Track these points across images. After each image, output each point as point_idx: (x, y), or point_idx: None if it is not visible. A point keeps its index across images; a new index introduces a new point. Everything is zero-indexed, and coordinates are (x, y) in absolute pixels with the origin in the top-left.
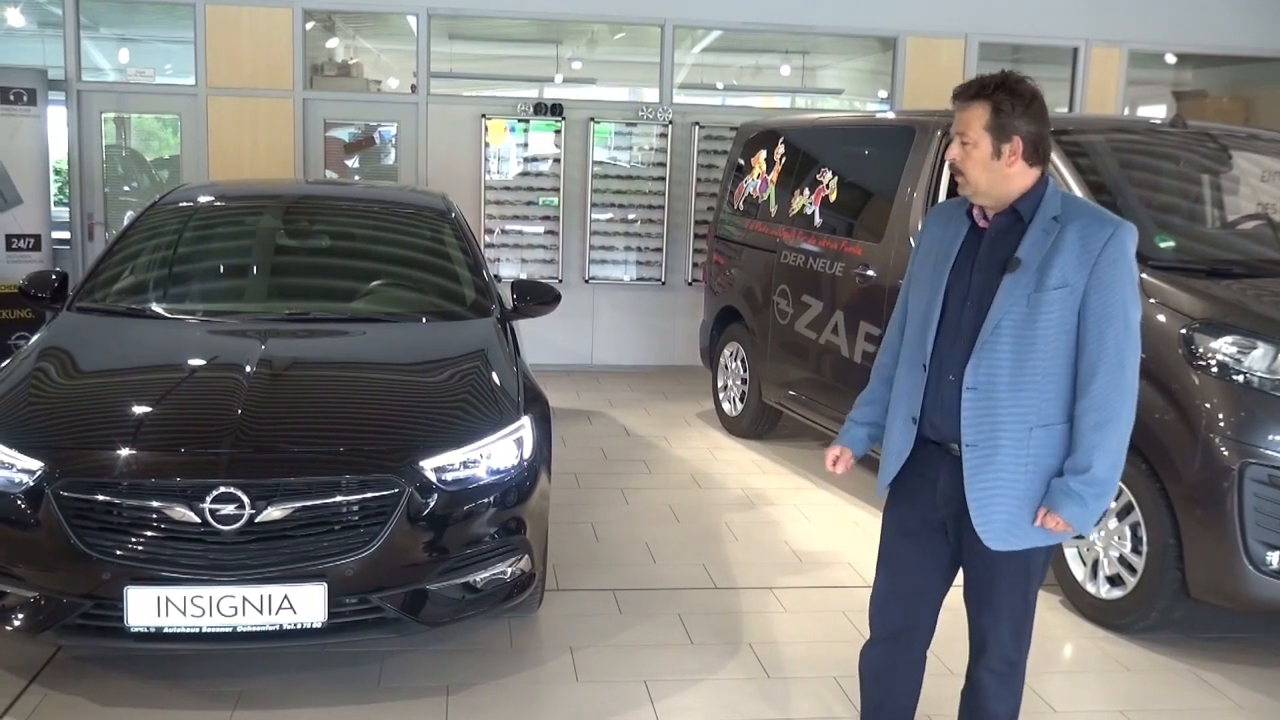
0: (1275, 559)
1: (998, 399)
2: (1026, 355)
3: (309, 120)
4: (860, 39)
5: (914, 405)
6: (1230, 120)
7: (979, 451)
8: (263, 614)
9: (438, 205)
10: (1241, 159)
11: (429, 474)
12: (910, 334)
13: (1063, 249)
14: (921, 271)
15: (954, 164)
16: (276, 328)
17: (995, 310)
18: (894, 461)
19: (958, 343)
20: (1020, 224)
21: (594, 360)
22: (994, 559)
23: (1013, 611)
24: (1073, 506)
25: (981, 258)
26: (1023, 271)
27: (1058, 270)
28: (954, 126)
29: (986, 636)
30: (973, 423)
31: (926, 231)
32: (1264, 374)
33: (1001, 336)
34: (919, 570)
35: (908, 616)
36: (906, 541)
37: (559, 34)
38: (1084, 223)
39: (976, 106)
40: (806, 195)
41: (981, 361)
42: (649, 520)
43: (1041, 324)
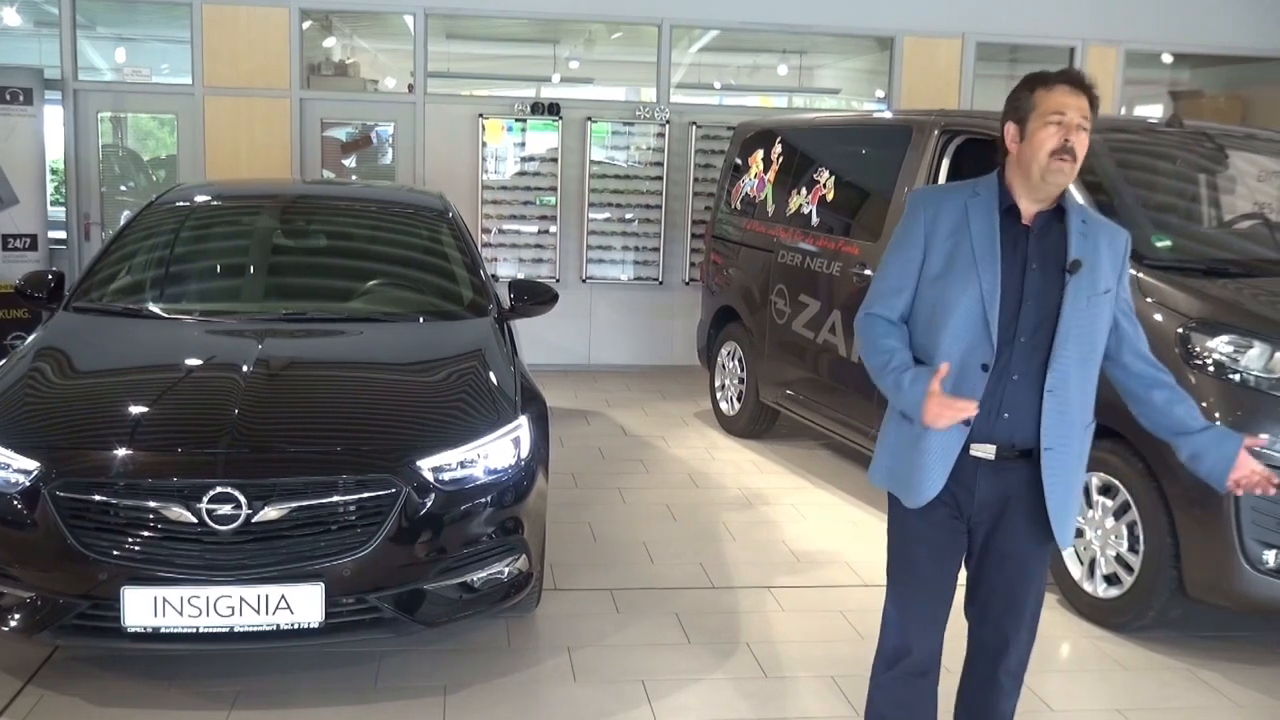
0: (1272, 558)
1: (1070, 400)
2: (1088, 356)
3: (306, 120)
4: (858, 39)
5: None
6: (1227, 120)
7: (1056, 455)
8: (260, 614)
9: (435, 205)
10: (1238, 158)
11: (426, 474)
12: (950, 332)
13: (1100, 253)
14: (951, 262)
15: (1071, 148)
16: (273, 328)
17: (1067, 313)
18: (940, 470)
19: (1020, 342)
20: (1057, 224)
21: (591, 360)
22: (1026, 563)
23: (1035, 613)
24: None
25: (1032, 255)
26: (1082, 273)
27: (1102, 275)
28: (1072, 110)
29: (1009, 640)
30: (1053, 425)
31: (932, 216)
32: (1260, 373)
33: (1071, 339)
34: (948, 590)
35: (936, 640)
36: (940, 560)
37: (556, 34)
38: (1107, 230)
39: (1086, 98)
40: (804, 195)
41: (1057, 363)
42: (646, 520)
43: (1098, 326)
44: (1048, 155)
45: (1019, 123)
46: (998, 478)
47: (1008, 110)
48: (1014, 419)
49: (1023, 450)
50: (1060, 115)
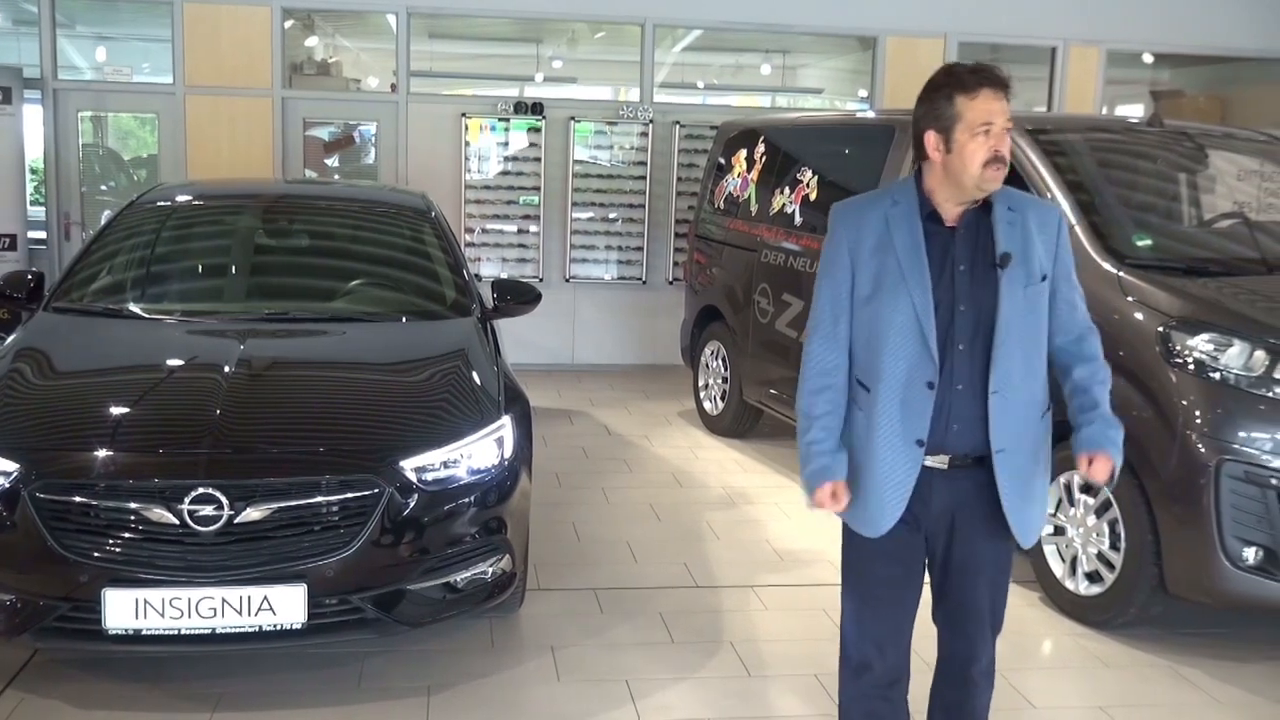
0: (1251, 555)
1: (1016, 397)
2: (1030, 348)
3: (288, 119)
4: (840, 38)
5: (919, 427)
6: (1207, 119)
7: (1007, 455)
8: (242, 615)
9: (418, 204)
10: (1218, 158)
11: (409, 474)
12: (889, 351)
13: (1031, 238)
14: (880, 280)
15: (1002, 155)
16: (255, 328)
17: (1004, 309)
18: (899, 495)
19: (960, 349)
20: (983, 218)
21: (575, 359)
22: (987, 567)
23: (999, 612)
24: (1116, 451)
25: (960, 256)
26: (1014, 265)
27: (1036, 261)
28: (999, 116)
29: (978, 644)
30: (1002, 427)
31: (854, 235)
32: (1240, 371)
33: (1011, 336)
34: (909, 604)
35: (900, 652)
36: (894, 578)
37: (539, 33)
38: (1034, 211)
39: (1004, 98)
40: (787, 194)
41: (999, 363)
42: (630, 519)
43: (1036, 315)
44: (980, 167)
45: (942, 132)
46: (953, 485)
47: (927, 118)
48: (963, 429)
49: (976, 457)
50: (988, 125)
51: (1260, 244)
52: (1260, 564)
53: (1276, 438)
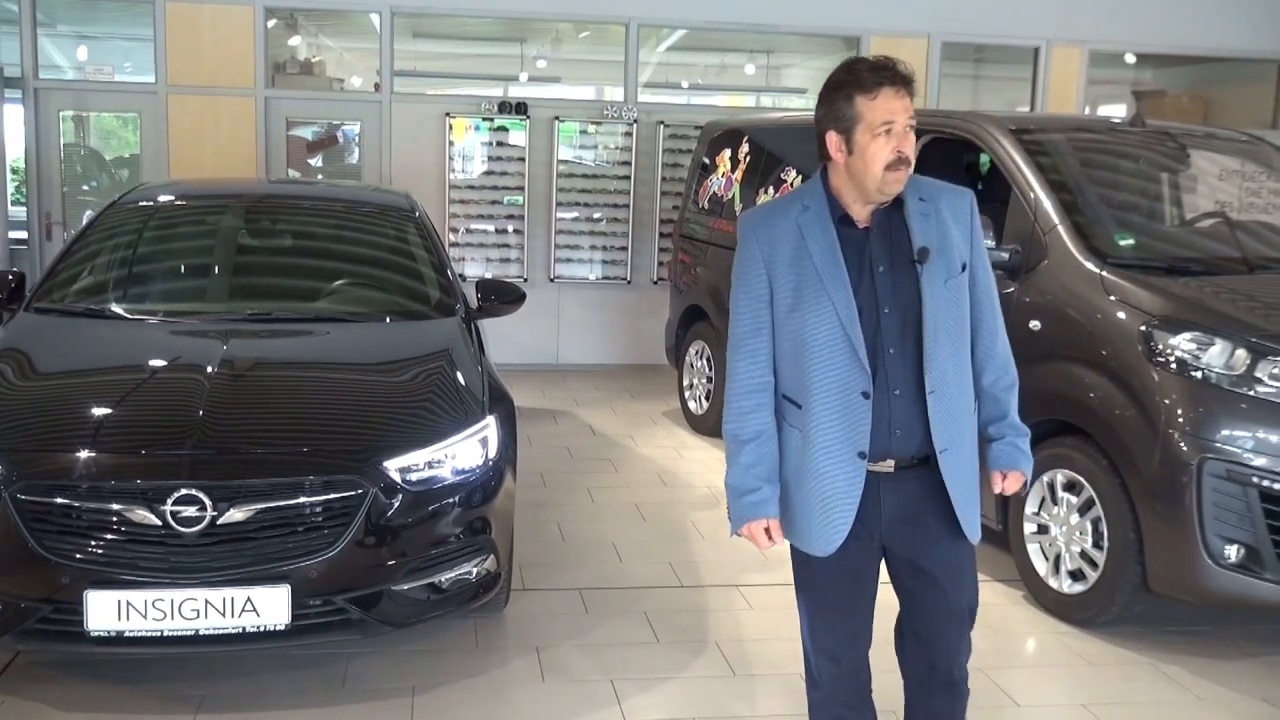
0: (1233, 553)
1: (952, 395)
2: (958, 342)
3: (271, 119)
4: (824, 38)
5: (859, 438)
6: (1189, 119)
7: (951, 454)
8: (225, 617)
9: (401, 204)
10: (1199, 158)
11: (393, 474)
12: (819, 363)
13: (947, 228)
14: (801, 292)
15: (905, 156)
16: (239, 328)
17: (929, 306)
18: (846, 507)
19: (889, 353)
20: (897, 213)
21: (560, 359)
22: (953, 560)
23: (970, 607)
24: (1026, 463)
25: (875, 257)
26: (933, 259)
27: (955, 251)
28: (901, 115)
29: (960, 645)
30: (943, 426)
31: (768, 248)
32: (1221, 370)
33: (939, 331)
34: (864, 611)
35: (859, 653)
36: (850, 581)
37: (523, 33)
38: (945, 198)
39: (907, 95)
40: (771, 194)
41: (933, 362)
42: (615, 519)
43: (960, 308)
44: (882, 169)
45: (843, 133)
46: (901, 488)
47: (827, 118)
48: (906, 433)
49: (921, 458)
50: (889, 124)
51: (1241, 243)
52: (1242, 562)
53: (1257, 436)
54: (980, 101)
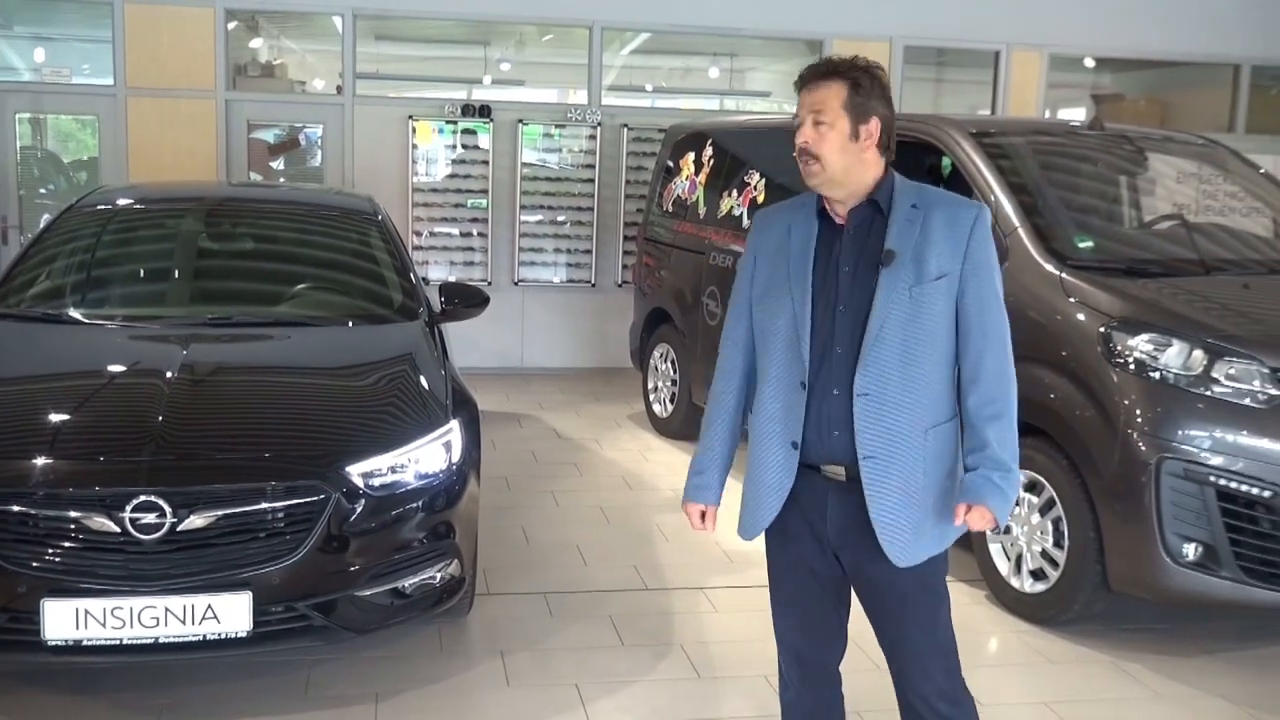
0: (1191, 551)
1: (890, 403)
2: (914, 353)
3: (232, 121)
4: (788, 42)
5: (794, 429)
6: (1147, 123)
7: (878, 463)
8: (185, 624)
9: (364, 208)
10: (1157, 161)
11: (356, 479)
12: (774, 354)
13: (933, 236)
14: (771, 283)
15: (806, 148)
16: (199, 332)
17: (879, 309)
18: (775, 498)
19: (835, 352)
20: (879, 216)
21: (524, 363)
22: (897, 584)
23: (933, 637)
24: (997, 499)
25: (845, 256)
26: (898, 264)
27: (934, 259)
28: (803, 109)
29: (918, 684)
30: (869, 432)
31: (760, 240)
32: (1179, 371)
33: (886, 337)
34: (822, 605)
35: (822, 656)
36: (804, 577)
37: (487, 35)
38: (946, 207)
39: (833, 84)
40: (735, 197)
41: (870, 366)
42: (580, 522)
43: (926, 318)
44: (798, 158)
45: None
46: (849, 499)
47: None
48: (842, 434)
49: None
50: (798, 116)
51: (1198, 246)
52: (1199, 560)
53: (1214, 436)
54: (942, 105)
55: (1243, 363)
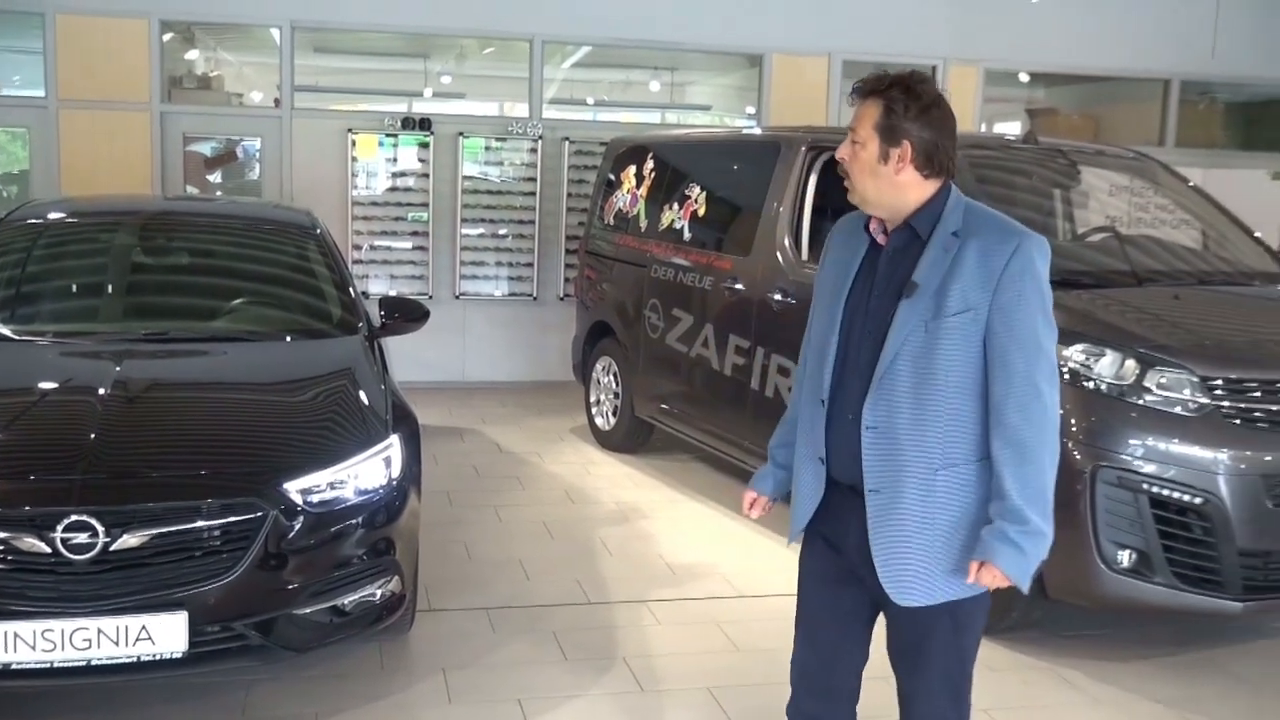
0: (1126, 558)
1: (898, 438)
2: (927, 389)
3: (167, 134)
4: (728, 56)
5: (818, 444)
6: (1080, 137)
7: (882, 497)
8: (119, 646)
9: (302, 221)
10: (1090, 174)
11: (294, 496)
12: (810, 366)
13: (962, 268)
14: (821, 295)
15: (841, 164)
16: (133, 348)
17: (892, 340)
18: (806, 506)
19: (855, 377)
20: (918, 242)
21: (466, 377)
22: (919, 616)
23: (946, 674)
24: (1010, 555)
25: (879, 280)
26: (919, 296)
27: (957, 293)
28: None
29: (919, 704)
30: (874, 465)
31: (829, 250)
32: (1112, 380)
33: (899, 370)
34: (837, 623)
35: (829, 676)
36: (824, 591)
37: (427, 48)
38: (985, 237)
39: (870, 104)
40: (676, 210)
41: (880, 398)
42: (522, 537)
43: (942, 354)
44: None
45: None
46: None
47: None
48: (854, 460)
49: None
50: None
51: (1130, 257)
52: (1134, 566)
53: (1146, 444)
54: None
55: (1173, 372)
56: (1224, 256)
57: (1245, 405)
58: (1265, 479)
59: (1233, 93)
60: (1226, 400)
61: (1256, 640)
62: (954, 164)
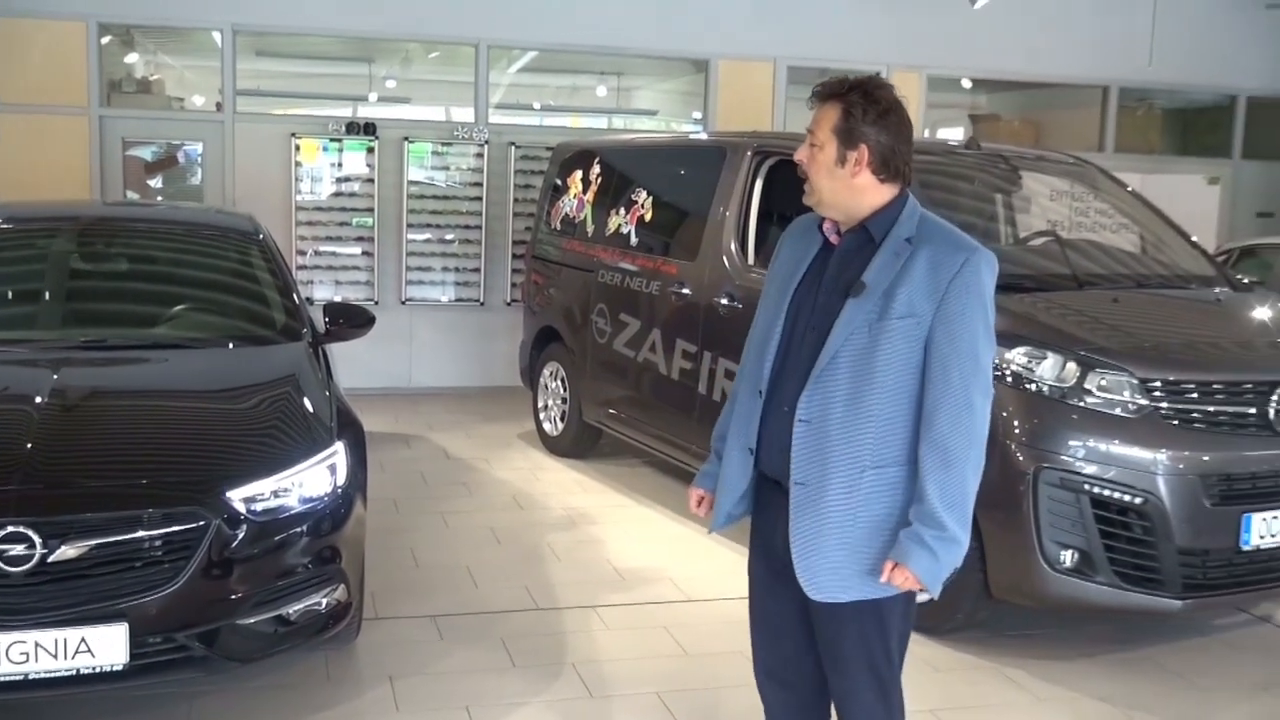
0: (1068, 558)
1: (830, 434)
2: (864, 389)
3: (106, 139)
4: (674, 61)
5: (750, 435)
6: (1021, 142)
7: (807, 490)
8: (58, 659)
9: (244, 226)
10: (1031, 179)
11: (237, 504)
12: (750, 356)
13: (912, 274)
14: (769, 290)
15: (800, 165)
16: (71, 356)
17: (835, 337)
18: (728, 497)
19: (795, 370)
20: (872, 245)
21: (412, 383)
22: (837, 612)
23: (871, 672)
24: (923, 558)
25: (827, 279)
26: (866, 297)
27: (904, 298)
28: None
29: (848, 703)
30: (802, 458)
31: (781, 247)
32: (1053, 383)
33: (839, 367)
34: (778, 616)
35: (778, 660)
36: (759, 591)
37: (372, 53)
38: (937, 247)
39: (829, 107)
40: (622, 215)
41: (816, 392)
42: (470, 544)
43: (882, 355)
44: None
45: None
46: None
47: None
48: (785, 453)
49: None
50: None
51: (1071, 261)
52: (1076, 566)
53: (1087, 445)
54: None
55: (1113, 374)
56: (1161, 260)
57: (1183, 406)
58: (1203, 479)
59: (1169, 99)
60: (1165, 402)
61: (1195, 638)
62: (910, 170)
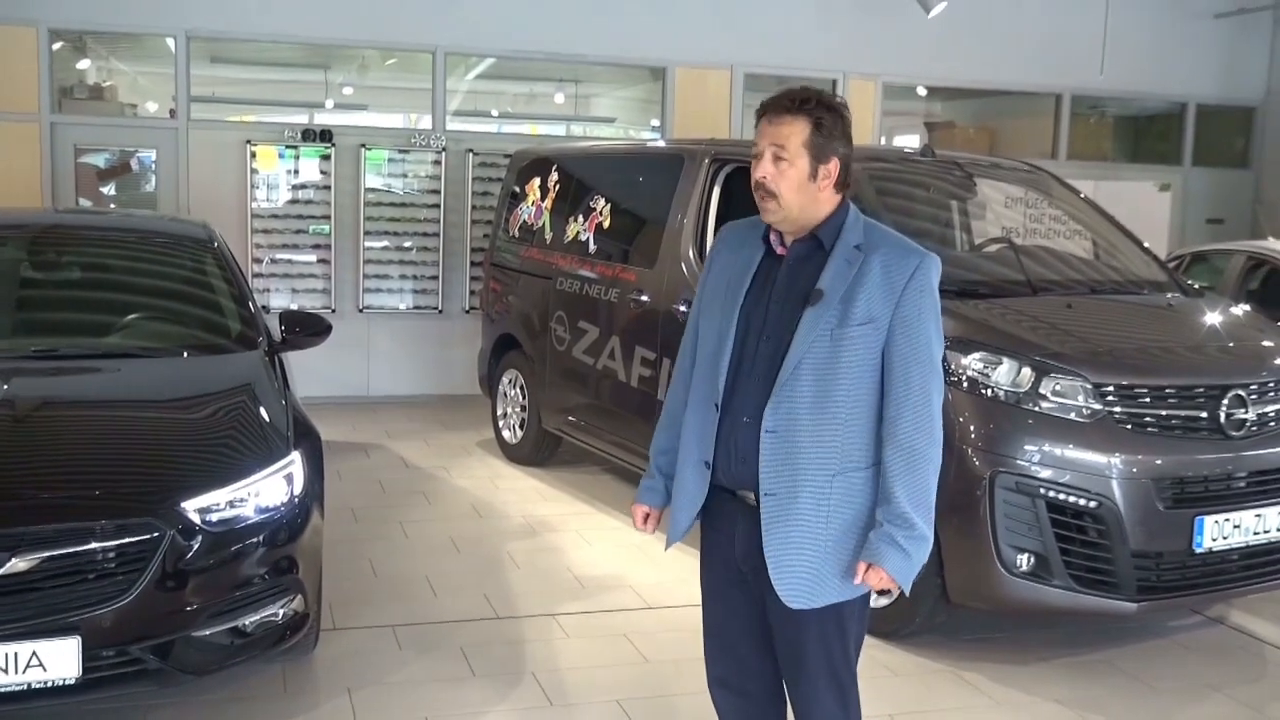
0: (1024, 561)
1: (798, 443)
2: (829, 395)
3: (58, 145)
4: (631, 69)
5: (706, 449)
6: (976, 149)
7: (778, 500)
8: (8, 673)
9: (198, 234)
10: (986, 186)
11: (192, 515)
12: (700, 369)
13: (867, 281)
14: (712, 299)
15: (763, 183)
16: (21, 366)
17: (796, 346)
18: (686, 512)
19: (753, 380)
20: (820, 252)
21: (370, 391)
22: (800, 617)
23: (831, 674)
24: (897, 558)
25: (779, 288)
26: (825, 305)
27: (862, 304)
28: (764, 140)
29: (808, 706)
30: (771, 468)
31: (717, 254)
32: (1009, 388)
33: (802, 375)
34: (732, 625)
35: (732, 669)
36: (713, 601)
37: (328, 59)
38: (888, 253)
39: (797, 121)
40: (581, 222)
41: (781, 402)
42: (429, 553)
43: (845, 361)
44: (755, 191)
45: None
46: (756, 525)
47: None
48: (749, 463)
49: None
50: (757, 147)
51: (1025, 267)
52: (1032, 570)
53: (1043, 449)
54: None
55: (1068, 379)
56: (1114, 266)
57: (1136, 411)
58: (1156, 482)
59: (1121, 107)
60: (1119, 406)
61: (1150, 640)
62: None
